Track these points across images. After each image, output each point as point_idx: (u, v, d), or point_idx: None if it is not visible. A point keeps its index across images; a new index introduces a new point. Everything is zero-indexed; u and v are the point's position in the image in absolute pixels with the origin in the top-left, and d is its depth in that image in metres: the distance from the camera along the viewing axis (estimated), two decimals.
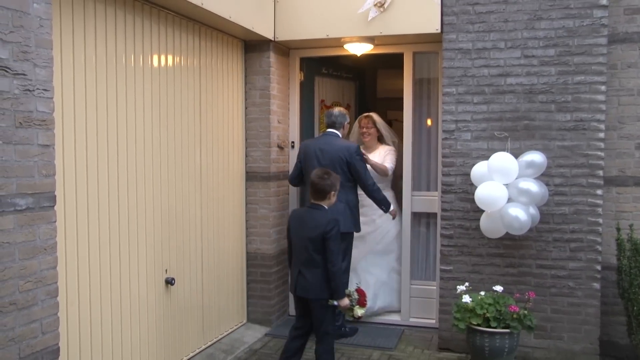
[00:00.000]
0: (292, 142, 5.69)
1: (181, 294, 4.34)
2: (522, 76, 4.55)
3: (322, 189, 3.83)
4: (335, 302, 3.85)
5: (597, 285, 4.46)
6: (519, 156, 4.36)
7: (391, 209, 5.06)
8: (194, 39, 4.46)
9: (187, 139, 4.39)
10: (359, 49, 5.30)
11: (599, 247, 4.45)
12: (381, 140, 5.62)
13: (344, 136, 5.12)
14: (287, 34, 5.21)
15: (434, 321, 5.26)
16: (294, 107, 5.71)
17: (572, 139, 4.46)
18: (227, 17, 4.41)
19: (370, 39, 5.15)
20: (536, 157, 4.30)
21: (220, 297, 4.92)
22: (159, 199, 4.05)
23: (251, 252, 5.36)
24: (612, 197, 4.61)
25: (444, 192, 4.78)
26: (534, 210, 4.31)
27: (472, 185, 4.50)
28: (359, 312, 5.31)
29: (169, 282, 4.14)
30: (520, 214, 4.15)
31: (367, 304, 5.35)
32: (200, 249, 4.59)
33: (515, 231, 4.24)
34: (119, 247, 3.66)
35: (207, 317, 4.72)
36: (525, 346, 4.53)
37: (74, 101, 3.26)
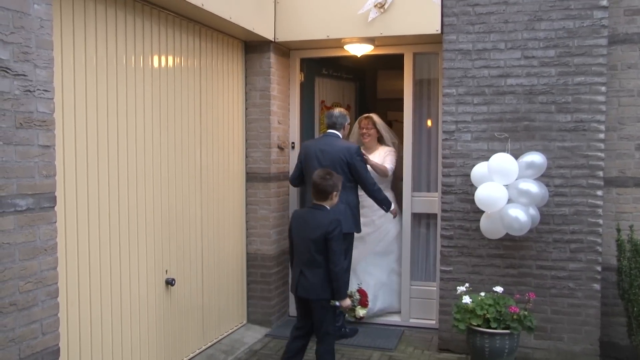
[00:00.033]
0: (293, 143, 5.69)
1: (181, 295, 4.34)
2: (522, 77, 4.55)
3: (324, 189, 3.83)
4: (337, 303, 3.84)
5: (597, 286, 4.46)
6: (519, 157, 4.36)
7: (392, 208, 5.07)
8: (194, 40, 4.46)
9: (188, 139, 4.39)
10: (359, 50, 5.31)
11: (599, 248, 4.45)
12: (381, 141, 5.62)
13: (345, 137, 5.12)
14: (288, 34, 5.22)
15: (434, 322, 5.26)
16: (294, 107, 5.71)
17: (572, 139, 4.46)
18: (228, 18, 4.41)
19: (370, 40, 5.16)
20: (536, 157, 4.30)
21: (220, 298, 4.92)
22: (159, 200, 4.06)
23: (251, 252, 5.36)
24: (612, 198, 4.61)
25: (444, 192, 4.78)
26: (534, 211, 4.31)
27: (472, 186, 4.50)
28: (360, 312, 5.34)
29: (169, 282, 4.14)
30: (520, 215, 4.16)
31: (369, 304, 5.42)
32: (200, 249, 4.59)
33: (515, 232, 4.24)
34: (119, 247, 3.67)
35: (207, 318, 4.72)
36: (525, 347, 4.53)
37: (74, 102, 3.27)
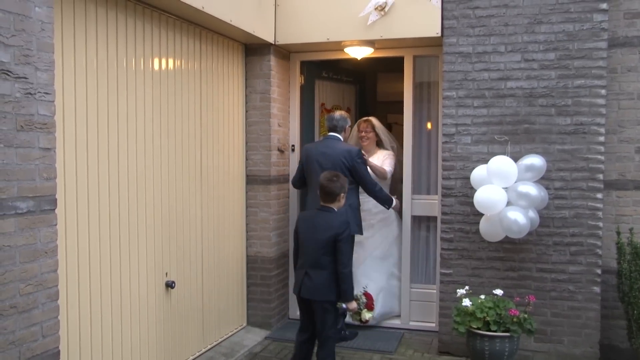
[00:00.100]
0: (293, 146, 5.70)
1: (181, 297, 4.34)
2: (522, 80, 4.55)
3: (331, 191, 3.85)
4: (344, 305, 3.85)
5: (597, 289, 4.46)
6: (518, 160, 4.36)
7: (393, 204, 5.08)
8: (194, 43, 4.47)
9: (188, 142, 4.39)
10: (359, 53, 5.31)
11: (599, 251, 4.45)
12: (380, 145, 5.61)
13: (345, 140, 5.12)
14: (288, 37, 5.22)
15: (434, 325, 5.26)
16: (295, 110, 5.71)
17: (572, 142, 4.47)
18: (228, 21, 4.42)
19: (370, 43, 5.16)
20: (535, 160, 4.31)
21: (220, 301, 4.91)
22: (159, 203, 4.06)
23: (251, 255, 5.36)
24: (612, 200, 4.61)
25: (444, 195, 4.78)
26: (533, 213, 4.31)
27: (472, 188, 4.50)
28: (366, 315, 5.29)
29: (169, 285, 4.14)
30: (519, 218, 4.16)
31: (374, 307, 5.37)
32: (200, 252, 4.59)
33: (514, 235, 4.24)
34: (119, 250, 3.67)
35: (207, 320, 4.71)
36: (525, 350, 4.53)
37: (75, 104, 3.27)
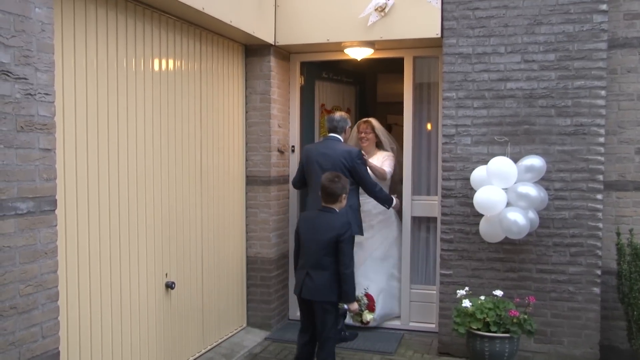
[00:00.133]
0: (293, 147, 5.70)
1: (181, 298, 4.33)
2: (522, 81, 4.56)
3: (333, 192, 3.87)
4: (345, 306, 3.85)
5: (597, 289, 4.46)
6: (518, 161, 4.36)
7: (394, 203, 5.09)
8: (194, 43, 4.47)
9: (188, 143, 4.39)
10: (359, 54, 5.31)
11: (599, 252, 4.45)
12: (379, 146, 5.61)
13: (346, 140, 5.12)
14: (288, 38, 5.23)
15: (433, 325, 5.25)
16: (295, 111, 5.71)
17: (572, 143, 4.47)
18: (228, 22, 4.42)
19: (370, 44, 5.17)
20: (535, 161, 4.31)
21: (220, 301, 4.91)
22: (159, 203, 4.06)
23: (251, 256, 5.36)
24: (612, 201, 4.61)
25: (444, 196, 4.78)
26: (533, 214, 4.31)
27: (472, 189, 4.50)
28: (368, 316, 5.29)
29: (169, 286, 4.14)
30: (518, 219, 4.15)
31: (376, 309, 5.37)
32: (200, 252, 4.59)
33: (513, 235, 4.24)
34: (119, 250, 3.67)
35: (207, 321, 4.71)
36: (525, 351, 4.53)
37: (75, 105, 3.27)
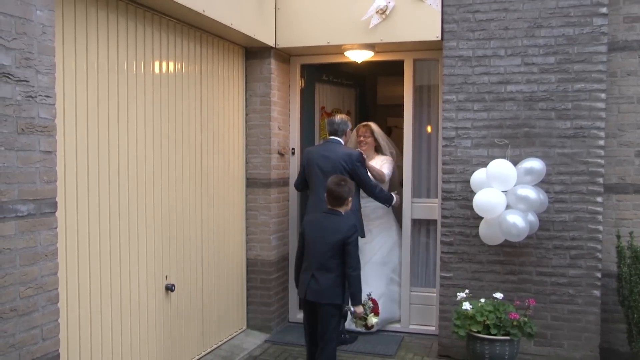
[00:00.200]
0: (293, 149, 5.70)
1: (181, 300, 4.33)
2: (522, 84, 4.56)
3: (339, 195, 3.89)
4: (352, 309, 3.88)
5: (597, 292, 4.45)
6: (518, 163, 4.36)
7: (394, 201, 5.11)
8: (195, 46, 4.47)
9: (188, 145, 4.40)
10: (359, 56, 5.32)
11: (599, 255, 4.45)
12: (378, 150, 5.59)
13: (346, 143, 5.13)
14: (288, 40, 5.23)
15: (433, 328, 5.25)
16: (295, 113, 5.72)
17: (572, 146, 4.47)
18: (229, 25, 4.43)
19: (370, 46, 5.17)
20: (535, 164, 4.31)
21: (220, 304, 4.91)
22: (159, 206, 4.06)
23: (251, 258, 5.36)
24: (612, 204, 4.61)
25: (444, 199, 4.78)
26: (532, 217, 4.31)
27: (472, 192, 4.50)
28: (373, 320, 5.27)
29: (169, 288, 4.14)
30: (518, 221, 4.15)
31: (379, 312, 5.35)
32: (200, 255, 4.59)
33: (513, 238, 4.24)
34: (119, 253, 3.67)
35: (206, 324, 4.71)
36: (525, 353, 4.53)
37: (75, 108, 3.27)
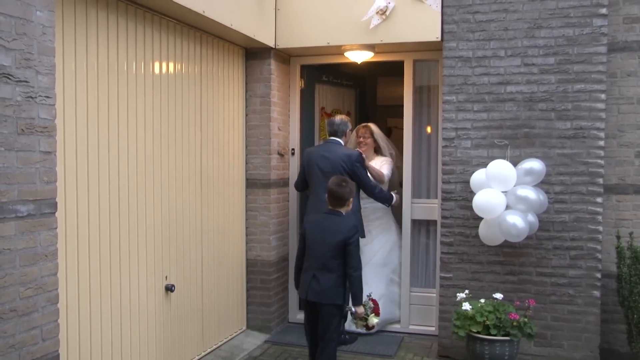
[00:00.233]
0: (292, 149, 5.70)
1: (181, 301, 4.33)
2: (522, 84, 4.56)
3: (341, 196, 3.91)
4: (353, 309, 3.88)
5: (597, 293, 4.45)
6: (518, 164, 4.36)
7: (393, 200, 5.12)
8: (195, 47, 4.48)
9: (188, 145, 4.40)
10: (359, 57, 5.32)
11: (599, 255, 4.45)
12: (378, 151, 5.58)
13: (346, 144, 5.13)
14: (288, 41, 5.23)
15: (433, 329, 5.25)
16: (295, 114, 5.72)
17: (572, 146, 4.47)
18: (229, 25, 4.43)
19: (370, 47, 5.17)
20: (535, 164, 4.31)
21: (219, 304, 4.91)
22: (159, 206, 4.06)
23: (251, 258, 5.36)
24: (612, 205, 4.61)
25: (444, 199, 4.78)
26: (532, 217, 4.31)
27: (472, 192, 4.50)
28: (374, 320, 5.27)
29: (169, 288, 4.14)
30: (517, 221, 4.15)
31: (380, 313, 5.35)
32: (200, 255, 4.59)
33: (512, 238, 4.24)
34: (119, 253, 3.67)
35: (206, 324, 4.71)
36: (525, 354, 4.53)
37: (75, 108, 3.27)
